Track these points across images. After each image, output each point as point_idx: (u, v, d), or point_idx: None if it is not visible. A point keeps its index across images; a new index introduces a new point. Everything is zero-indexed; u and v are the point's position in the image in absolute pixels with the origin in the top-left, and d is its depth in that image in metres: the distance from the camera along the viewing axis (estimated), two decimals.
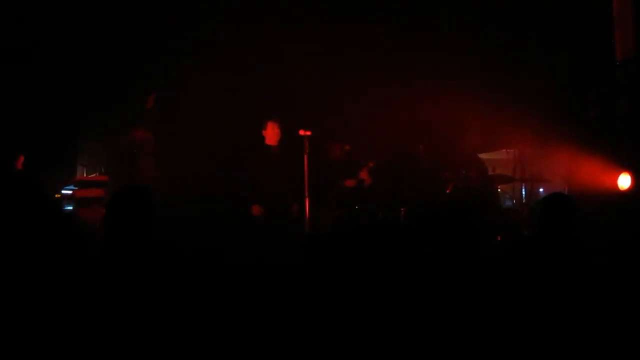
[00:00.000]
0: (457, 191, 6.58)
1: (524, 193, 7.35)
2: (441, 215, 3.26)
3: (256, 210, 6.19)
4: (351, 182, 6.94)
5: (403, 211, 6.62)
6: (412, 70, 7.28)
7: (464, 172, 6.68)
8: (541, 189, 7.89)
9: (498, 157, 8.10)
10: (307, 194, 6.20)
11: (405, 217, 6.55)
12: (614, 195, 5.77)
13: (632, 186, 5.70)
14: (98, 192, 6.63)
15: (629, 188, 5.73)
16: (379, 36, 7.41)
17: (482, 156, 7.33)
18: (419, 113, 7.17)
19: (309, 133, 6.26)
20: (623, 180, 5.82)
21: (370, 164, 6.96)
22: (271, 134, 6.42)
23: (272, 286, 3.06)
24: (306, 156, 6.22)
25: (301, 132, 6.26)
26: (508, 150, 7.78)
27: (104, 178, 6.85)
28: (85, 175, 8.14)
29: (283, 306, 2.87)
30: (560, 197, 3.72)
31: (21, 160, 5.66)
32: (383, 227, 3.38)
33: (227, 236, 6.03)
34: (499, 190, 7.30)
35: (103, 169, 7.45)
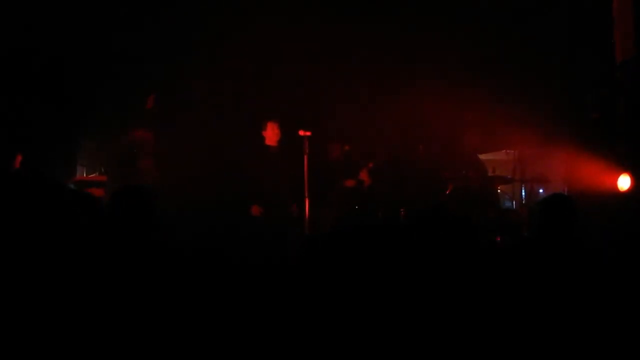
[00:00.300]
0: (457, 192, 6.58)
1: (524, 194, 7.35)
2: (441, 216, 3.26)
3: (256, 210, 6.18)
4: (351, 183, 6.94)
5: (403, 212, 6.62)
6: (412, 70, 7.28)
7: (464, 173, 6.69)
8: (541, 190, 7.89)
9: (498, 158, 8.09)
10: (307, 195, 6.19)
11: (405, 218, 6.55)
12: (614, 196, 5.77)
13: (632, 187, 5.71)
14: (98, 192, 6.61)
15: (629, 189, 5.73)
16: (379, 36, 7.41)
17: (482, 157, 7.33)
18: (419, 114, 7.17)
19: (309, 133, 6.26)
20: (623, 181, 5.82)
21: (370, 165, 6.96)
22: (271, 135, 6.41)
23: (272, 287, 3.06)
24: (306, 156, 6.22)
25: (301, 133, 6.25)
26: (508, 150, 7.78)
27: (104, 178, 6.83)
28: (85, 175, 8.13)
29: (283, 307, 2.87)
30: (560, 198, 3.72)
31: (19, 159, 5.65)
32: (383, 228, 3.38)
33: (227, 237, 6.02)
34: (499, 190, 7.30)
35: (103, 169, 7.43)
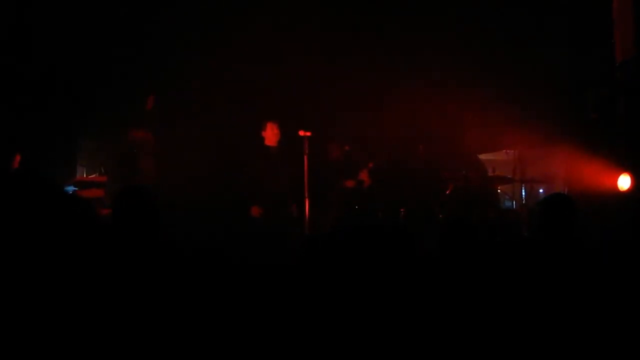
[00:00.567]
0: (457, 192, 6.58)
1: (524, 194, 7.36)
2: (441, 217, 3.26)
3: (255, 211, 6.18)
4: (351, 183, 6.94)
5: (403, 212, 6.62)
6: (412, 70, 7.28)
7: (464, 173, 6.69)
8: (541, 190, 7.90)
9: (498, 158, 8.10)
10: (307, 195, 6.20)
11: (405, 218, 6.55)
12: (614, 196, 5.77)
13: (632, 187, 5.71)
14: (98, 193, 6.61)
15: (629, 189, 5.73)
16: (380, 37, 7.41)
17: (482, 157, 7.34)
18: (419, 114, 7.17)
19: (309, 134, 6.26)
20: (623, 181, 5.82)
21: (370, 165, 6.96)
22: (270, 135, 6.41)
23: (272, 287, 3.06)
24: (306, 157, 6.22)
25: (301, 133, 6.25)
26: (508, 151, 7.78)
27: (104, 179, 6.83)
28: (85, 175, 8.13)
29: (283, 307, 2.87)
30: (560, 198, 3.72)
31: (17, 159, 5.64)
32: (383, 228, 3.38)
33: (227, 237, 6.02)
34: (499, 190, 7.30)
35: (103, 170, 7.43)
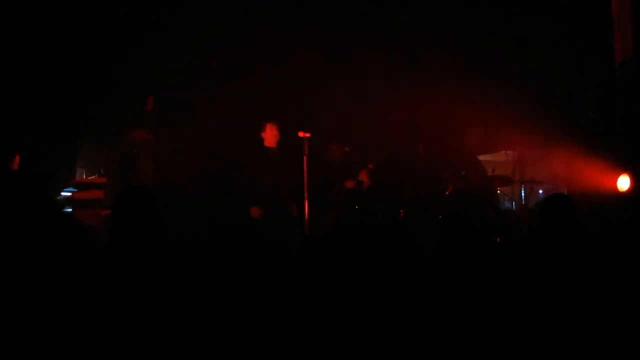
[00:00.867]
0: (457, 192, 6.58)
1: (524, 194, 7.36)
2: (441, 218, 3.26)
3: (255, 211, 6.18)
4: (350, 184, 6.94)
5: (402, 212, 6.62)
6: (412, 71, 7.28)
7: (464, 174, 6.69)
8: (540, 191, 7.90)
9: (497, 159, 8.10)
10: (307, 196, 6.20)
11: (404, 218, 6.55)
12: (614, 196, 5.77)
13: (632, 187, 5.71)
14: (97, 194, 6.61)
15: (629, 189, 5.74)
16: (380, 37, 7.41)
17: (482, 157, 7.34)
18: (419, 114, 7.17)
19: (309, 134, 6.26)
20: (622, 181, 5.83)
21: (369, 165, 6.96)
22: (270, 136, 6.41)
23: (272, 288, 3.06)
24: (305, 157, 6.22)
25: (300, 134, 6.25)
26: (507, 151, 7.79)
27: (104, 180, 6.83)
28: (84, 177, 8.12)
29: (283, 308, 2.87)
30: (560, 198, 3.72)
31: (17, 160, 5.64)
32: (383, 229, 3.38)
33: (226, 237, 6.02)
34: (499, 191, 7.30)
35: (102, 171, 7.43)
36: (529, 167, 7.39)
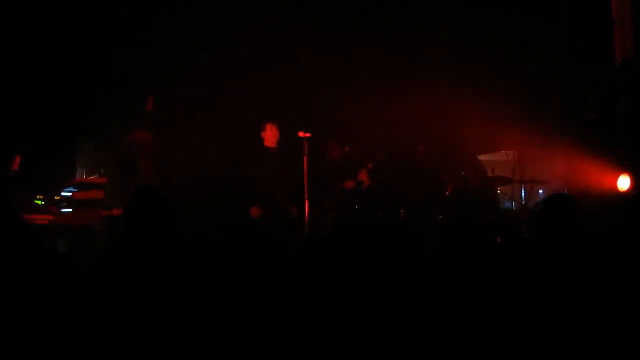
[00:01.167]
0: (457, 192, 6.58)
1: (524, 195, 7.35)
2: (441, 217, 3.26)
3: (255, 212, 6.18)
4: (351, 184, 6.94)
5: (402, 212, 6.62)
6: (412, 71, 7.28)
7: (464, 174, 6.68)
8: (541, 191, 7.90)
9: (498, 159, 8.09)
10: (307, 196, 6.19)
11: (404, 218, 6.55)
12: (614, 196, 5.77)
13: (632, 187, 5.71)
14: (98, 194, 6.60)
15: (629, 189, 5.73)
16: (379, 37, 7.41)
17: (482, 158, 7.33)
18: (419, 114, 7.16)
19: (309, 135, 6.26)
20: (623, 181, 5.83)
21: (369, 166, 6.96)
22: (270, 136, 6.41)
23: (272, 288, 3.06)
24: (305, 158, 6.22)
25: (300, 134, 6.25)
26: (507, 151, 7.78)
27: (104, 180, 6.82)
28: (84, 177, 8.12)
29: (283, 308, 2.87)
30: (562, 198, 3.72)
31: (17, 161, 5.64)
32: (383, 229, 3.38)
33: (227, 238, 6.01)
34: (499, 191, 7.29)
35: (103, 171, 7.43)
36: (529, 167, 7.38)
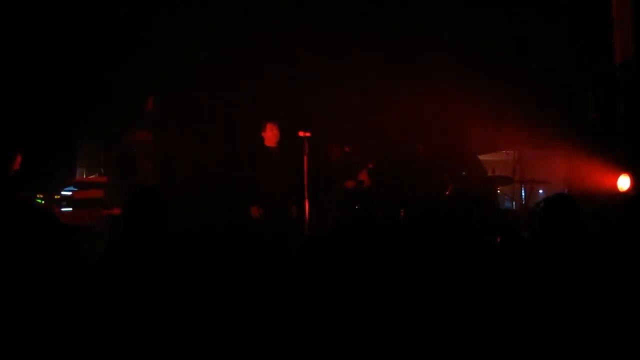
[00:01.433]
0: (457, 192, 6.58)
1: (524, 194, 7.35)
2: (441, 217, 3.26)
3: (255, 211, 6.18)
4: (351, 183, 6.94)
5: (402, 212, 6.61)
6: (412, 71, 7.28)
7: (464, 174, 6.68)
8: (541, 191, 7.90)
9: (498, 159, 8.10)
10: (307, 195, 6.19)
11: (404, 218, 6.54)
12: (614, 196, 5.77)
13: (632, 187, 5.71)
14: (97, 194, 6.61)
15: (629, 189, 5.73)
16: (379, 38, 7.41)
17: (482, 157, 7.33)
18: (419, 114, 7.17)
19: (309, 134, 6.26)
20: (623, 181, 5.82)
21: (369, 165, 6.96)
22: (270, 135, 6.41)
23: (273, 287, 3.06)
24: (306, 157, 6.22)
25: (300, 134, 6.25)
26: (507, 151, 7.78)
27: (104, 179, 6.82)
28: (84, 176, 8.12)
29: (283, 307, 2.87)
30: (562, 198, 3.72)
31: (18, 160, 5.64)
32: (383, 229, 3.38)
33: (227, 238, 6.01)
34: (499, 191, 7.29)
35: (103, 170, 7.43)
36: (529, 167, 7.38)
